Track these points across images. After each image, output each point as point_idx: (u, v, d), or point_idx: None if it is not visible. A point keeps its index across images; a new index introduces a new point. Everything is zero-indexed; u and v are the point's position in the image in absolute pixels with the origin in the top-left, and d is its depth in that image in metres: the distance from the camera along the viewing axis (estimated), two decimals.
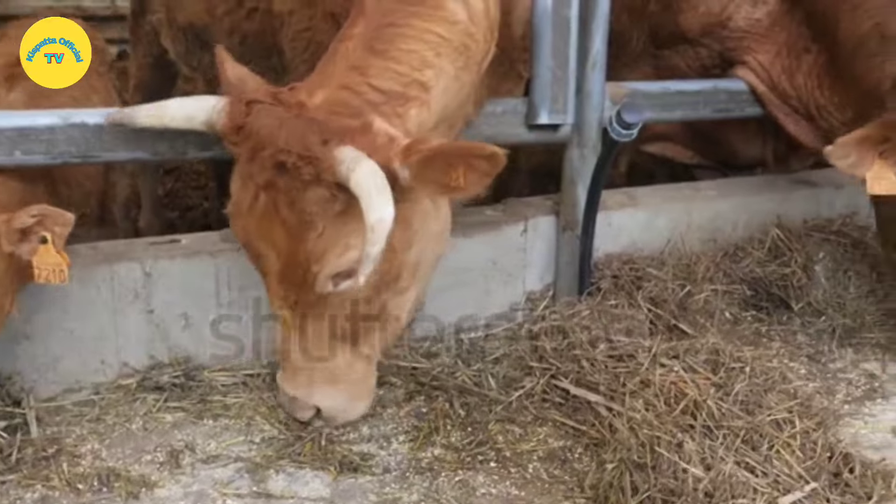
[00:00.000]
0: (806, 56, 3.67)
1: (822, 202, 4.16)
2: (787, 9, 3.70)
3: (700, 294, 3.62)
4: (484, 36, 2.58)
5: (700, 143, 4.27)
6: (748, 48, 3.82)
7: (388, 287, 2.52)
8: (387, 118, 2.30)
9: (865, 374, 3.44)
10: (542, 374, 3.13)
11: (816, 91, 3.67)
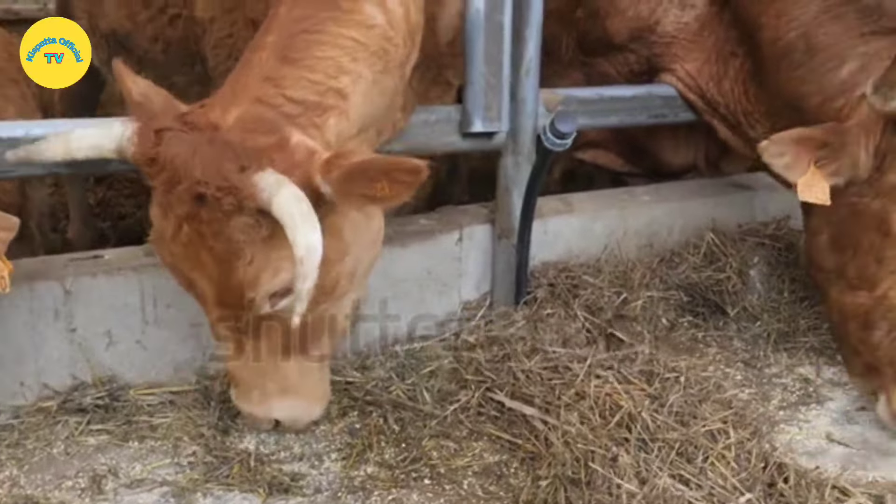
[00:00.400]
0: (733, 60, 3.66)
1: (756, 206, 4.17)
2: (717, 11, 3.70)
3: (636, 301, 3.61)
4: (404, 40, 2.52)
5: (630, 151, 4.27)
6: (675, 55, 3.82)
7: (327, 297, 2.48)
8: (304, 130, 2.24)
9: (800, 378, 3.45)
10: (477, 386, 3.09)
11: (743, 98, 3.66)
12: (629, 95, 3.81)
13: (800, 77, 3.27)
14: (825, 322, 3.68)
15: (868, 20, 3.20)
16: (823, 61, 3.20)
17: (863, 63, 3.10)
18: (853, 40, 3.17)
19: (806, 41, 3.26)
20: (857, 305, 3.05)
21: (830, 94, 3.14)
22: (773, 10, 3.39)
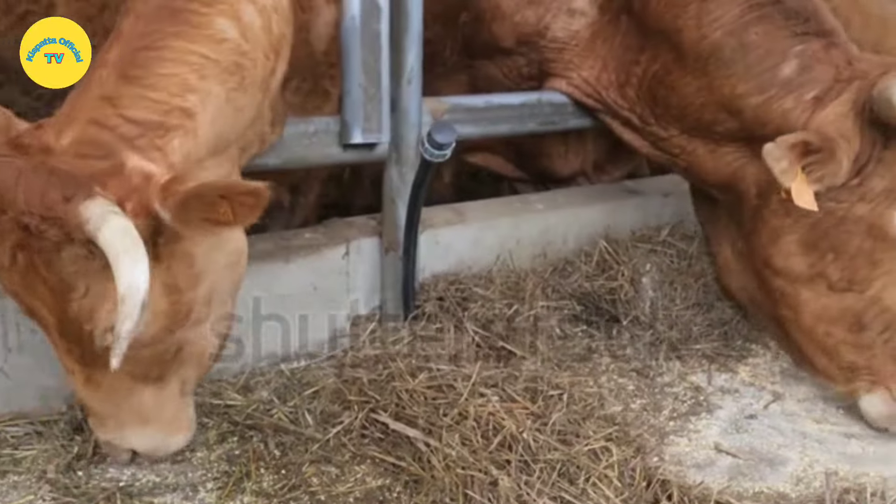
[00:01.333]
0: (634, 68, 3.63)
1: (649, 212, 4.16)
2: (610, 20, 3.66)
3: (528, 312, 3.54)
4: (265, 54, 2.40)
5: (518, 157, 4.22)
6: (570, 62, 3.77)
7: (179, 325, 2.34)
8: (144, 153, 2.10)
9: (692, 387, 3.42)
10: (360, 407, 2.98)
11: (651, 102, 3.63)
12: (518, 103, 3.75)
13: (734, 75, 3.27)
14: (718, 329, 3.69)
15: (795, 21, 3.24)
16: (760, 59, 3.23)
17: (803, 63, 3.17)
18: (789, 39, 3.22)
19: (736, 39, 3.27)
20: (845, 308, 3.11)
21: (773, 92, 3.18)
22: (692, 12, 3.38)
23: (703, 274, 3.81)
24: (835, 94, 3.11)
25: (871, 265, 3.07)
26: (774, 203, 3.22)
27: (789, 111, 3.16)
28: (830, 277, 3.12)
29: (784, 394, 3.42)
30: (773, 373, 3.57)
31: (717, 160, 3.48)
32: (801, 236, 3.16)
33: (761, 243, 3.30)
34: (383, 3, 3.10)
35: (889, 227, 3.03)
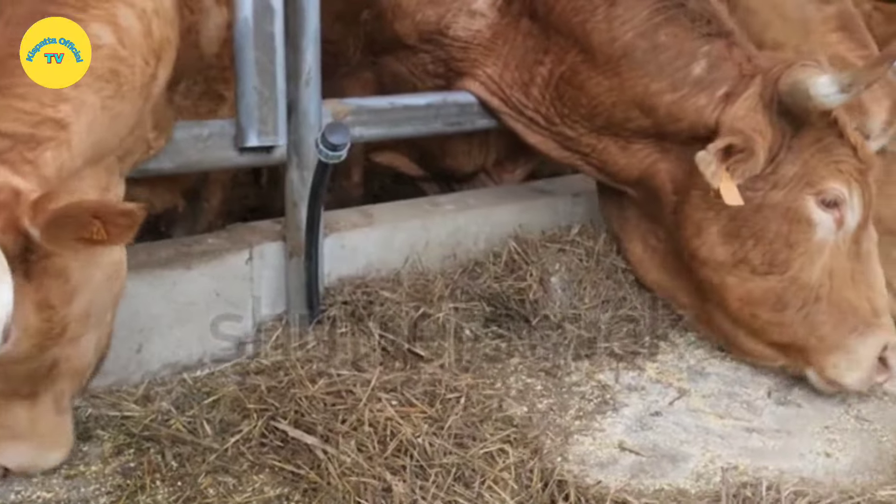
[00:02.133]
0: (538, 68, 3.66)
1: (560, 212, 4.16)
2: (510, 22, 3.68)
3: (437, 314, 3.51)
4: (144, 59, 2.32)
5: (421, 156, 4.20)
6: (475, 61, 3.78)
7: (54, 342, 2.26)
8: (14, 167, 2.01)
9: (599, 385, 3.42)
10: (260, 415, 2.92)
11: (557, 102, 3.67)
12: (424, 104, 3.72)
13: (648, 75, 3.38)
14: (626, 326, 3.70)
15: (699, 23, 3.42)
16: (671, 59, 3.38)
17: (710, 62, 3.36)
18: (697, 40, 3.39)
19: (648, 41, 3.40)
20: (767, 289, 3.31)
21: (687, 91, 3.35)
22: (601, 15, 3.48)
23: (612, 271, 3.82)
24: (741, 90, 3.31)
25: (789, 247, 3.27)
26: (695, 198, 3.40)
27: (703, 108, 3.34)
28: (753, 262, 3.31)
29: (689, 390, 3.44)
30: (679, 369, 3.59)
31: (630, 157, 3.58)
32: (723, 227, 3.34)
33: (686, 238, 3.46)
34: (277, 4, 3.05)
35: (802, 210, 3.26)
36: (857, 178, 3.32)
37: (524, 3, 3.66)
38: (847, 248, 3.32)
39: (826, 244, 3.29)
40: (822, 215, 3.28)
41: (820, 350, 3.31)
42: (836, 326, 3.28)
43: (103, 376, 3.13)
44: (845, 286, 3.29)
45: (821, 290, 3.28)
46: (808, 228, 3.27)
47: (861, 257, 3.34)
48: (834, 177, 3.29)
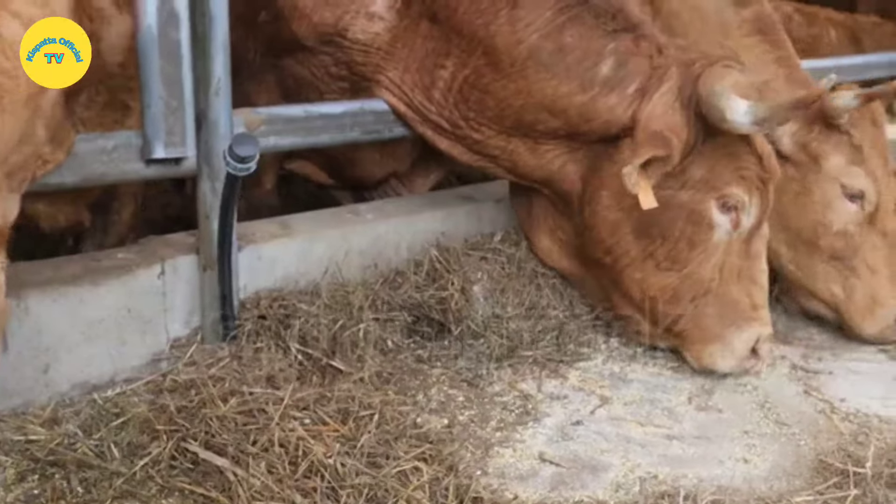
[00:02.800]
0: (440, 72, 3.61)
1: (483, 218, 4.12)
2: (408, 25, 3.62)
3: (357, 326, 3.45)
4: None
5: (331, 164, 4.14)
6: (378, 65, 3.71)
7: None
8: None
9: (521, 395, 3.39)
10: (169, 437, 2.82)
11: (462, 105, 3.62)
12: (339, 112, 3.65)
13: (556, 76, 3.38)
14: (549, 334, 3.67)
15: (604, 19, 3.43)
16: (578, 60, 3.38)
17: (618, 59, 3.38)
18: (602, 38, 3.39)
19: (553, 42, 3.39)
20: (666, 284, 3.46)
21: (597, 91, 3.36)
22: (503, 18, 3.45)
23: (534, 278, 3.79)
24: (655, 83, 3.35)
25: (690, 246, 3.41)
26: (606, 199, 3.47)
27: (615, 107, 3.37)
28: (658, 258, 3.44)
29: (612, 398, 3.43)
30: (602, 376, 3.58)
31: (540, 158, 3.59)
32: (635, 226, 3.44)
33: (599, 236, 3.53)
34: (182, 10, 2.95)
35: (705, 213, 3.39)
36: (758, 185, 3.43)
37: (424, 6, 3.61)
38: (738, 247, 3.46)
39: (721, 243, 3.43)
40: (722, 218, 3.41)
41: (701, 339, 3.51)
42: (718, 319, 3.47)
43: (7, 398, 3.02)
44: (732, 281, 3.46)
45: (711, 284, 3.44)
46: (709, 230, 3.40)
47: (750, 255, 3.50)
48: (737, 183, 3.40)
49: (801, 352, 3.88)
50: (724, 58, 3.46)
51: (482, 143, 3.66)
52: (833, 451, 3.07)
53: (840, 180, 3.84)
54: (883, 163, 3.94)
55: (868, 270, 3.84)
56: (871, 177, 3.87)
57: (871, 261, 3.84)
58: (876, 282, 3.83)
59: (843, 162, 3.85)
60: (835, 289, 3.90)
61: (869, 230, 3.86)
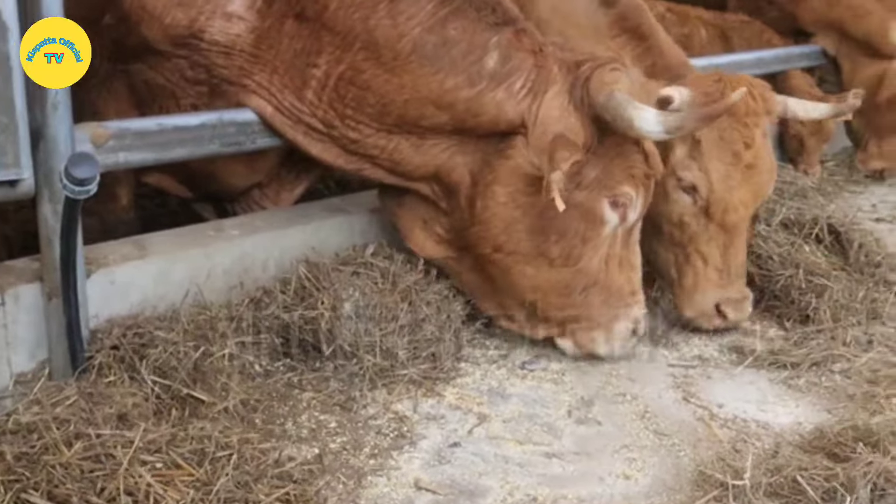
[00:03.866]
0: (312, 71, 3.46)
1: (355, 230, 3.96)
2: (272, 24, 3.44)
3: (221, 352, 3.25)
4: None
5: (191, 177, 3.92)
6: (242, 68, 3.51)
7: None
8: None
9: (396, 417, 3.25)
10: (8, 487, 2.57)
11: (337, 104, 3.48)
12: (196, 124, 3.43)
13: (441, 70, 3.33)
14: (425, 350, 3.54)
15: (485, 12, 3.39)
16: (464, 53, 3.34)
17: (502, 53, 3.36)
18: (486, 32, 3.37)
19: (437, 35, 3.34)
20: (558, 280, 3.51)
21: (484, 85, 3.34)
22: (383, 11, 3.36)
23: (409, 293, 3.64)
24: (542, 83, 3.38)
25: (583, 242, 3.48)
26: (500, 195, 3.45)
27: (503, 102, 3.36)
28: (551, 255, 3.48)
29: (490, 415, 3.32)
30: (480, 392, 3.47)
31: (424, 154, 3.52)
32: (531, 223, 3.45)
33: (491, 233, 3.50)
34: (10, 20, 2.69)
35: (598, 211, 3.46)
36: (643, 182, 3.55)
37: (288, 4, 3.43)
38: (622, 237, 3.59)
39: (609, 237, 3.54)
40: (612, 214, 3.51)
41: (586, 327, 3.62)
42: (603, 307, 3.59)
43: None
44: (615, 270, 3.58)
45: (599, 275, 3.55)
46: (601, 226, 3.50)
47: (630, 244, 3.64)
48: (627, 181, 3.49)
49: (680, 357, 3.84)
50: (611, 60, 3.46)
51: (360, 143, 3.53)
52: (712, 461, 3.03)
53: (677, 173, 3.89)
54: (731, 157, 3.89)
55: (700, 259, 3.94)
56: (705, 172, 3.88)
57: (705, 251, 3.93)
58: (704, 270, 3.94)
59: (683, 154, 3.90)
60: (672, 272, 4.03)
61: (707, 222, 3.91)
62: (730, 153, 3.89)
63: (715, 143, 3.88)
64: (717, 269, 3.94)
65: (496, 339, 3.87)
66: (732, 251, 3.96)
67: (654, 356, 3.83)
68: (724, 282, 3.95)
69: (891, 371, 3.68)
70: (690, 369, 3.74)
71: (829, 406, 3.46)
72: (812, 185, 5.99)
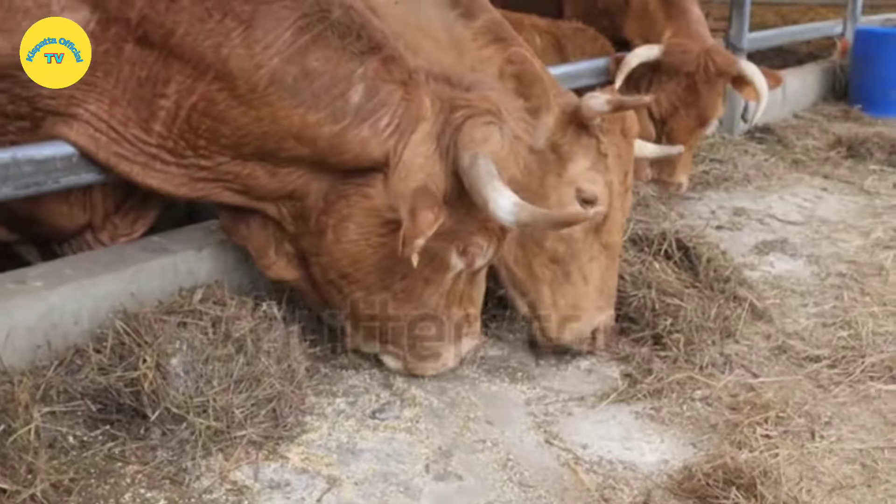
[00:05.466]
0: (161, 101, 3.15)
1: (181, 272, 3.57)
2: (109, 50, 3.07)
3: (26, 427, 2.81)
4: None
5: (13, 219, 3.48)
6: (72, 97, 3.14)
7: None
8: None
9: (235, 488, 2.90)
10: None
11: (189, 135, 3.19)
12: None
13: (303, 104, 3.11)
14: (263, 407, 3.20)
15: (350, 39, 3.18)
16: (327, 87, 3.13)
17: (368, 86, 3.16)
18: (350, 62, 3.16)
19: (298, 66, 3.11)
20: (404, 314, 3.44)
21: (348, 121, 3.14)
22: (237, 39, 3.08)
23: (244, 343, 3.28)
24: (409, 120, 3.19)
25: (426, 283, 3.39)
26: (353, 233, 3.28)
27: (367, 140, 3.17)
28: (394, 291, 3.39)
29: (340, 477, 3.01)
30: (328, 450, 3.15)
31: (281, 180, 3.31)
32: (378, 261, 3.31)
33: (338, 264, 3.34)
34: None
35: (446, 259, 3.35)
36: (498, 234, 3.41)
37: (127, 28, 3.08)
38: (466, 276, 3.49)
39: (453, 278, 3.45)
40: (459, 261, 3.39)
41: (418, 354, 3.55)
42: (438, 336, 3.51)
43: None
44: (455, 305, 3.51)
45: (437, 309, 3.47)
46: (446, 271, 3.40)
47: (474, 281, 3.56)
48: (481, 233, 3.35)
49: (539, 393, 3.64)
50: (487, 112, 3.24)
51: (211, 170, 3.28)
52: None
53: (578, 184, 3.72)
54: (623, 177, 3.87)
55: (581, 278, 3.78)
56: (608, 187, 3.78)
57: (587, 270, 3.78)
58: (584, 291, 3.79)
59: (586, 166, 3.74)
60: (545, 291, 3.80)
61: (593, 240, 3.78)
62: (622, 171, 3.85)
63: (614, 158, 3.80)
64: (597, 289, 3.81)
65: (343, 385, 3.57)
66: (611, 273, 3.87)
67: (510, 393, 3.61)
68: (603, 304, 3.83)
69: (749, 395, 3.59)
70: (550, 405, 3.54)
71: (693, 439, 3.33)
72: (653, 194, 6.01)
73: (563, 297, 3.79)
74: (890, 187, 6.64)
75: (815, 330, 4.22)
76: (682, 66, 5.72)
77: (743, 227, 5.73)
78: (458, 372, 3.70)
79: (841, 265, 5.07)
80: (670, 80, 5.78)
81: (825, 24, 10.00)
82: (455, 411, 3.44)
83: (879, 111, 8.55)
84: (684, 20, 6.03)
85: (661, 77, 5.83)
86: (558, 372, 3.82)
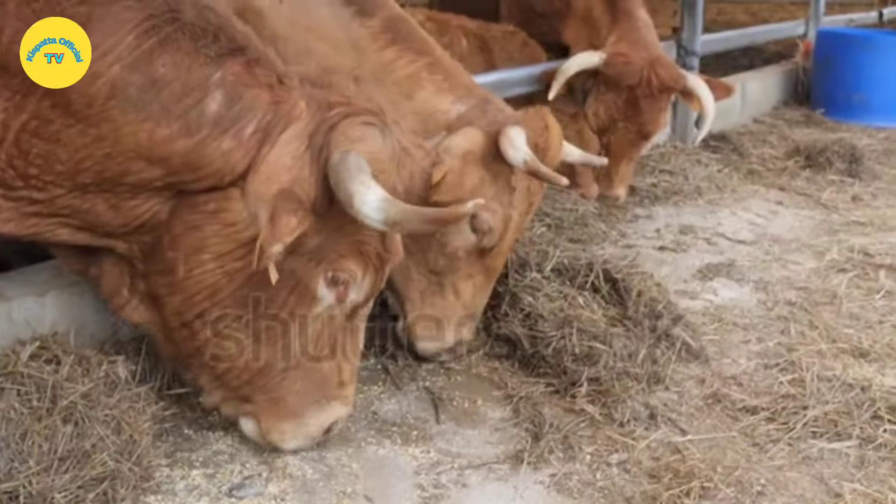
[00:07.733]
0: None
1: (17, 322, 3.11)
2: None
3: None
4: None
5: None
6: None
7: None
8: None
9: None
10: None
11: (19, 161, 2.71)
12: None
13: (150, 118, 2.68)
14: (92, 490, 2.70)
15: (205, 41, 2.77)
16: (178, 96, 2.71)
17: (227, 92, 2.76)
18: (205, 67, 2.75)
19: (142, 75, 2.68)
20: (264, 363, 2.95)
21: (206, 133, 2.73)
22: None
23: (73, 411, 2.79)
24: (280, 122, 2.79)
25: (290, 318, 2.92)
26: (207, 262, 2.85)
27: (230, 152, 2.76)
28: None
29: None
30: None
31: (126, 213, 2.86)
32: (237, 290, 2.87)
33: (194, 300, 2.90)
34: None
35: (312, 286, 2.90)
36: (375, 262, 2.98)
37: None
38: (339, 321, 3.03)
39: (321, 316, 2.98)
40: (327, 293, 2.94)
41: (277, 414, 3.04)
42: (302, 395, 3.04)
43: None
44: (324, 356, 3.04)
45: (302, 361, 3.00)
46: (311, 303, 2.94)
47: (349, 331, 3.08)
48: (354, 257, 2.94)
49: (433, 458, 3.16)
50: (368, 111, 2.86)
51: (46, 204, 2.80)
52: None
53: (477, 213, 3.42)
54: (525, 209, 3.74)
55: (453, 293, 3.69)
56: (505, 220, 3.61)
57: (461, 286, 3.69)
58: (451, 304, 3.69)
59: (489, 195, 3.53)
60: (415, 296, 3.70)
61: (475, 261, 3.67)
62: (527, 204, 3.72)
63: (522, 192, 3.65)
64: (465, 307, 3.70)
65: (207, 450, 3.10)
66: (482, 294, 3.77)
67: (399, 459, 3.14)
68: (464, 322, 3.72)
69: (673, 459, 3.13)
70: (443, 475, 3.07)
71: None
72: (594, 211, 5.57)
73: (432, 306, 3.68)
74: (848, 200, 6.23)
75: (756, 373, 3.77)
76: (623, 79, 5.29)
77: (688, 248, 5.29)
78: (344, 432, 3.22)
79: (791, 292, 4.64)
80: (609, 91, 5.34)
81: (786, 26, 9.62)
82: (329, 484, 2.97)
83: (841, 115, 8.18)
84: (630, 25, 5.58)
85: (601, 87, 5.40)
86: (459, 430, 3.35)
